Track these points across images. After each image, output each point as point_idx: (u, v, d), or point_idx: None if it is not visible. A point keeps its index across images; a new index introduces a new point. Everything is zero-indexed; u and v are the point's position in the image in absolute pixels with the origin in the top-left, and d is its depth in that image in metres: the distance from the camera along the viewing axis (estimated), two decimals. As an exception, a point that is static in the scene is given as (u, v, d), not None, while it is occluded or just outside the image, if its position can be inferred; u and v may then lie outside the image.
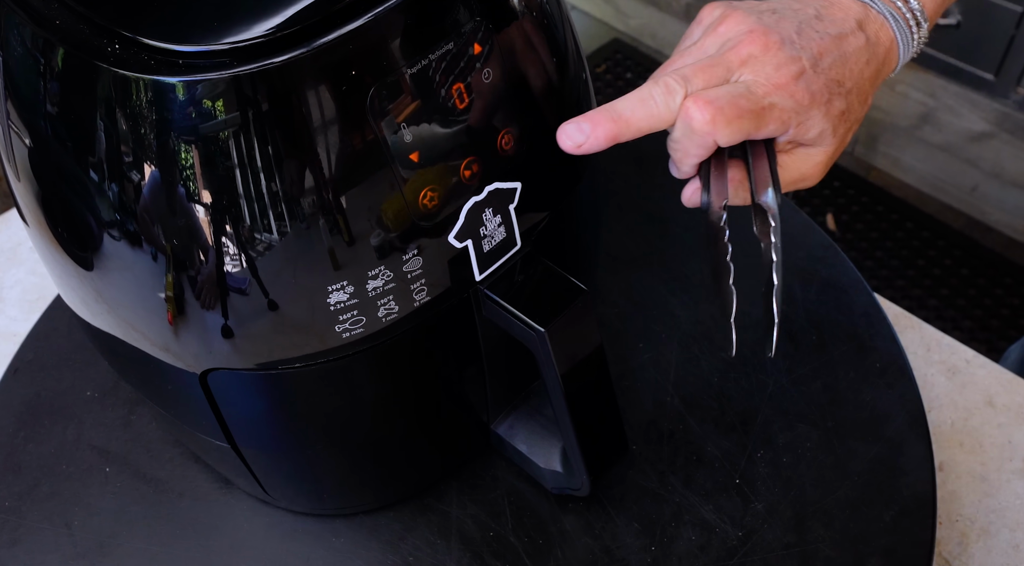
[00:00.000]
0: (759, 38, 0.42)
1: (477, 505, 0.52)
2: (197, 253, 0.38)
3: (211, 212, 0.37)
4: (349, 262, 0.39)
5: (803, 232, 0.65)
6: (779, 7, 0.44)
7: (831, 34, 0.43)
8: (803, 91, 0.41)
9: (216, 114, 0.35)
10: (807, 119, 0.42)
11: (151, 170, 0.36)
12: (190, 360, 0.42)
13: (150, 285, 0.40)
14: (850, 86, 0.43)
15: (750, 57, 0.42)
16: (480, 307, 0.44)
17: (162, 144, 0.36)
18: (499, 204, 0.42)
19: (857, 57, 0.43)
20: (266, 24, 0.34)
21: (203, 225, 0.37)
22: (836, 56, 0.43)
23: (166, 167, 0.36)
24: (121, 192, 0.37)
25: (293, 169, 0.36)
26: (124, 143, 0.36)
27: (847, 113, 0.43)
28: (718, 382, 0.57)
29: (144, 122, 0.35)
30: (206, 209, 0.37)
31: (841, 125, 0.43)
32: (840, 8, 0.44)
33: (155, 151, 0.36)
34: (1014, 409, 0.63)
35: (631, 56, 1.98)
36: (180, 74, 0.34)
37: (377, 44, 0.35)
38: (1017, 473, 0.60)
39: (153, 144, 0.36)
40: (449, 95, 0.38)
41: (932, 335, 0.67)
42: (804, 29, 0.43)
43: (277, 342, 0.41)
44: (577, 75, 0.45)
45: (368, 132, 0.36)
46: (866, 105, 0.44)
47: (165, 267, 0.39)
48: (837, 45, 0.43)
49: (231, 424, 0.45)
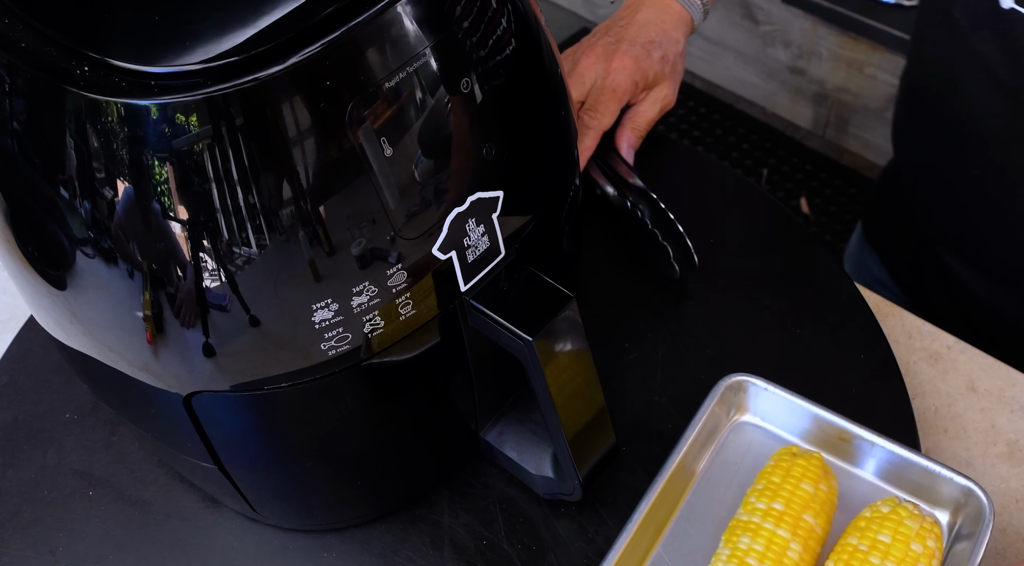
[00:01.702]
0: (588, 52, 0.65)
1: (469, 513, 0.52)
2: (176, 271, 0.37)
3: (189, 233, 0.36)
4: (332, 279, 0.38)
5: (782, 227, 0.65)
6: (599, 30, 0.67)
7: (635, 21, 0.66)
8: (629, 60, 0.64)
9: (191, 135, 0.34)
10: (644, 69, 0.64)
11: (125, 191, 0.35)
12: (171, 381, 0.42)
13: (127, 304, 0.39)
14: (659, 39, 0.65)
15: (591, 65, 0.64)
16: (466, 317, 0.44)
17: (136, 165, 0.35)
18: (482, 214, 0.41)
19: (655, 22, 0.66)
20: (238, 42, 0.34)
21: (181, 246, 0.36)
22: (641, 26, 0.66)
23: (141, 189, 0.35)
24: (94, 212, 0.37)
25: (272, 187, 0.35)
26: (97, 163, 0.35)
27: (665, 57, 0.66)
28: (705, 379, 0.56)
29: (117, 143, 0.34)
30: (183, 230, 0.36)
31: (665, 65, 0.66)
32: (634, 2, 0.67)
33: (129, 172, 0.35)
34: (995, 393, 0.63)
35: (600, 46, 1.97)
36: (153, 96, 0.33)
37: (352, 58, 0.35)
38: (1001, 457, 0.60)
39: (127, 165, 0.35)
40: (428, 107, 0.37)
41: (913, 322, 0.67)
42: (611, 28, 0.67)
43: (262, 362, 0.40)
44: (553, 74, 0.45)
45: (347, 147, 0.36)
46: (679, 45, 0.67)
47: (143, 285, 0.38)
48: (633, 22, 0.66)
49: (217, 445, 0.44)
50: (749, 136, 1.80)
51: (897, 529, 0.44)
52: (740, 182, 0.70)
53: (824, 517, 0.48)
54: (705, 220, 0.66)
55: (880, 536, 0.44)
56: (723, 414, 0.54)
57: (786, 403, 0.53)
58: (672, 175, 0.69)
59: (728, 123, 1.82)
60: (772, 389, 0.53)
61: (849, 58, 1.64)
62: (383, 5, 0.35)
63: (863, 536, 0.44)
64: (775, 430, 0.54)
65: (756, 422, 0.54)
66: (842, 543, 0.45)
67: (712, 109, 1.85)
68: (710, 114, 1.84)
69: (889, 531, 0.44)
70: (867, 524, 0.45)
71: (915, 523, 0.45)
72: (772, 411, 0.53)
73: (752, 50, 1.76)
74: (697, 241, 0.60)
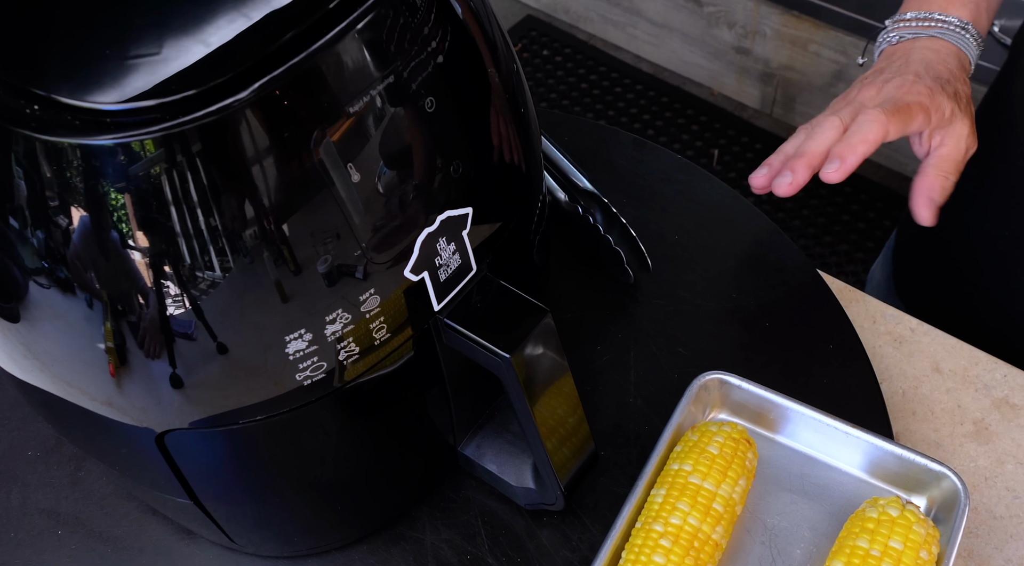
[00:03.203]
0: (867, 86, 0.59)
1: (451, 529, 0.51)
2: (139, 301, 0.36)
3: (153, 267, 0.35)
4: (305, 309, 0.37)
5: (747, 218, 0.66)
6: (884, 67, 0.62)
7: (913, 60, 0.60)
8: (923, 87, 0.57)
9: (151, 170, 0.33)
10: (939, 104, 0.57)
11: (84, 223, 0.34)
12: (139, 416, 0.40)
13: (87, 335, 0.38)
14: (947, 77, 0.59)
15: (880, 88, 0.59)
16: (440, 336, 0.43)
17: (94, 200, 0.33)
18: (452, 232, 0.41)
19: (937, 62, 0.60)
20: (195, 73, 0.32)
21: (146, 279, 0.35)
22: (924, 66, 0.59)
23: (102, 225, 0.34)
24: (49, 242, 0.35)
25: (237, 220, 0.34)
26: (50, 192, 0.33)
27: (958, 93, 0.59)
28: (678, 378, 0.57)
29: (73, 180, 0.33)
30: (147, 264, 0.35)
31: (959, 102, 0.58)
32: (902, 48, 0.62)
33: (87, 207, 0.34)
34: (959, 373, 0.64)
35: (547, 33, 1.97)
36: (108, 132, 0.32)
37: (313, 85, 0.34)
38: (968, 436, 0.61)
39: (84, 199, 0.33)
40: (393, 128, 0.36)
41: (876, 307, 0.68)
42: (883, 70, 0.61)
43: (235, 394, 0.39)
44: (515, 87, 0.44)
45: (312, 175, 0.35)
46: (967, 85, 0.60)
47: (103, 314, 0.37)
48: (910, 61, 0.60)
49: (193, 481, 0.43)
50: (698, 117, 1.81)
51: (907, 536, 0.45)
52: (697, 173, 0.70)
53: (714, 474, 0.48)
54: (665, 215, 0.66)
55: (892, 542, 0.44)
56: (699, 413, 0.54)
57: (760, 399, 0.53)
58: (625, 171, 0.69)
59: (676, 105, 1.83)
60: (746, 386, 0.53)
61: (793, 36, 1.65)
62: (343, 28, 0.34)
63: (874, 540, 0.45)
64: (751, 426, 0.54)
65: (733, 420, 0.54)
66: (851, 545, 0.46)
67: (660, 92, 1.85)
68: (658, 97, 1.84)
69: (900, 537, 0.45)
70: (876, 527, 0.45)
71: (922, 530, 0.45)
72: (747, 407, 0.54)
73: (697, 32, 1.77)
74: (659, 236, 0.60)
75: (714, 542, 0.47)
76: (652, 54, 1.88)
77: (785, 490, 0.52)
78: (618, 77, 1.88)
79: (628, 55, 1.91)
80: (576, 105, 1.84)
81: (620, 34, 1.90)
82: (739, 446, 0.49)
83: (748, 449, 0.49)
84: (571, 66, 1.91)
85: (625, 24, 1.87)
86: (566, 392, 0.47)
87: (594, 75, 1.89)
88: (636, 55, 1.90)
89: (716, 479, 0.48)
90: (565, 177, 0.62)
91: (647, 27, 1.84)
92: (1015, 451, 0.59)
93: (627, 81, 1.87)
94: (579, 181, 0.62)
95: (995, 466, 0.59)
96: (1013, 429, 0.61)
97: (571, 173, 0.63)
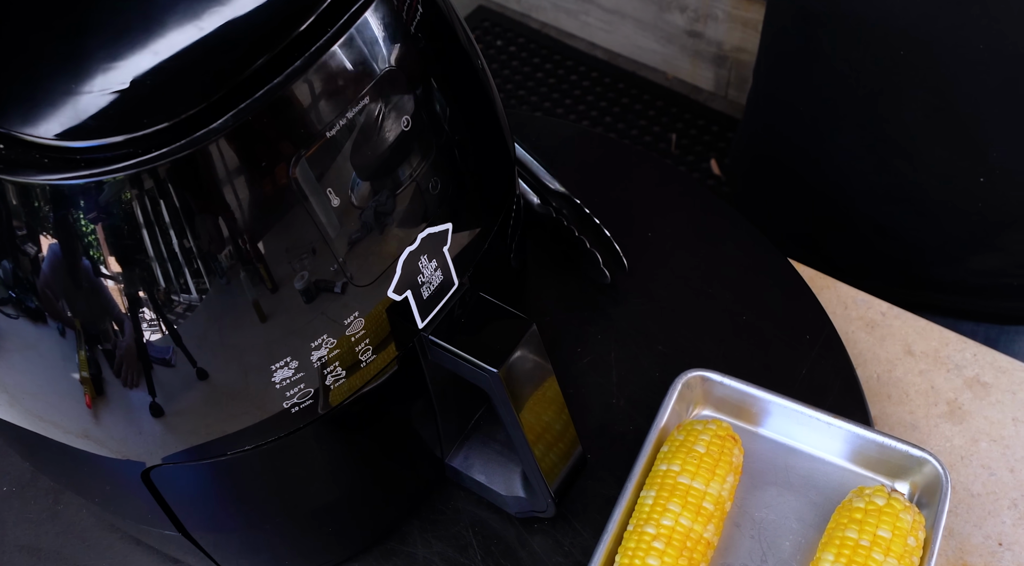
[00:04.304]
0: None
1: (442, 541, 0.51)
2: (112, 328, 0.35)
3: (129, 302, 0.34)
4: (290, 337, 0.36)
5: (713, 214, 0.66)
6: None
7: None
8: None
9: (122, 204, 0.32)
10: None
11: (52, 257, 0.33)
12: (116, 446, 0.40)
13: (61, 366, 0.37)
14: None
15: None
16: (425, 353, 0.43)
17: (65, 236, 0.33)
18: (433, 248, 0.40)
19: None
20: (166, 104, 0.32)
21: (119, 317, 0.34)
22: None
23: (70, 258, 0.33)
24: (18, 273, 0.34)
25: (217, 251, 0.34)
26: (17, 221, 0.32)
27: None
28: (660, 376, 0.57)
29: (44, 218, 0.32)
30: (120, 295, 0.34)
31: None
32: None
33: (60, 243, 0.33)
34: (931, 354, 0.66)
35: (499, 23, 1.95)
36: (78, 169, 0.31)
37: (290, 111, 0.33)
38: (943, 417, 0.62)
39: (52, 232, 0.33)
40: (370, 150, 0.36)
41: (847, 292, 0.68)
42: None
43: (219, 424, 0.39)
44: (487, 96, 0.44)
45: (292, 202, 0.34)
46: None
47: (76, 343, 0.36)
48: None
49: (181, 515, 0.42)
50: (654, 102, 1.81)
51: (895, 524, 0.45)
52: (665, 168, 0.70)
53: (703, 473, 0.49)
54: (636, 212, 0.66)
55: (880, 531, 0.45)
56: (683, 411, 0.54)
57: (742, 394, 0.53)
58: (593, 169, 0.69)
59: (633, 91, 1.83)
60: (727, 381, 0.53)
61: (744, 18, 1.66)
62: (317, 48, 0.33)
63: (863, 530, 0.45)
64: (735, 421, 0.54)
65: (717, 416, 0.55)
66: (840, 536, 0.46)
67: (616, 78, 1.85)
68: (614, 84, 1.84)
69: (888, 526, 0.45)
70: (864, 517, 0.46)
71: (908, 517, 0.46)
72: (730, 403, 0.54)
73: (649, 16, 1.77)
74: (632, 234, 0.60)
75: (706, 541, 0.47)
76: (606, 41, 1.88)
77: (771, 483, 0.52)
78: (573, 65, 1.88)
79: (582, 43, 1.91)
80: (532, 95, 1.83)
81: (573, 21, 1.90)
82: (725, 443, 0.49)
83: (734, 446, 0.50)
84: (525, 55, 1.90)
85: (577, 11, 1.87)
86: (553, 398, 0.46)
87: (549, 64, 1.88)
88: (590, 42, 1.90)
89: (705, 478, 0.48)
90: (536, 179, 0.62)
91: (599, 14, 1.84)
92: (988, 429, 0.61)
93: (582, 69, 1.87)
94: (550, 183, 0.62)
95: (970, 445, 0.60)
96: (985, 407, 0.62)
97: (541, 175, 0.62)
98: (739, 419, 0.54)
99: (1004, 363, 0.64)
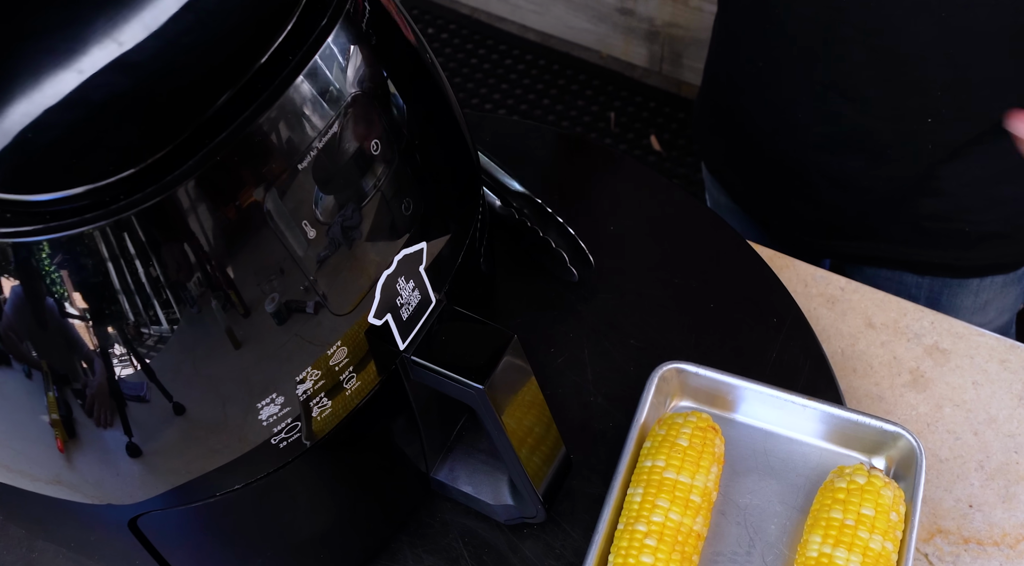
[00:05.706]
0: None
1: (433, 555, 0.51)
2: (83, 368, 0.34)
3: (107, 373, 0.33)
4: (274, 374, 0.36)
5: (675, 199, 0.66)
6: None
7: None
8: None
9: (93, 257, 0.31)
10: None
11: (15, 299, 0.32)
12: (91, 491, 0.38)
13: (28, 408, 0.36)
14: None
15: None
16: (408, 373, 0.42)
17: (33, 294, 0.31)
18: (410, 269, 0.40)
19: None
20: (129, 150, 0.30)
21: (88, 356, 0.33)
22: None
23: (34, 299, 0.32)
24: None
25: (194, 293, 0.33)
26: None
27: None
28: (635, 371, 0.57)
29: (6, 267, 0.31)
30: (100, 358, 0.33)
31: None
32: None
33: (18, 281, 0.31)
34: (891, 325, 0.67)
35: (428, 10, 1.93)
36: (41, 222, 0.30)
37: (259, 147, 0.32)
38: (907, 386, 0.64)
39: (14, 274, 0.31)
40: (341, 178, 0.35)
41: (806, 270, 0.70)
42: None
43: (203, 464, 0.38)
44: (450, 112, 0.43)
45: (266, 237, 0.33)
46: None
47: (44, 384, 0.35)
48: None
49: (170, 559, 0.41)
50: (590, 82, 1.81)
51: (878, 501, 0.46)
52: (621, 159, 0.70)
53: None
54: (596, 207, 0.66)
55: (864, 510, 0.46)
56: (661, 404, 0.55)
57: (716, 383, 0.54)
58: (550, 167, 0.69)
59: (568, 72, 1.83)
60: (702, 372, 0.54)
61: (674, -6, 1.67)
62: (282, 80, 0.32)
63: (847, 510, 0.46)
64: (712, 410, 0.55)
65: (694, 406, 0.55)
66: (826, 518, 0.47)
67: (550, 60, 1.85)
68: (549, 66, 1.84)
69: (871, 504, 0.46)
70: (847, 497, 0.47)
71: (889, 492, 0.47)
72: (706, 392, 0.55)
73: (580, -4, 1.77)
74: (595, 229, 0.60)
75: (696, 533, 0.48)
76: (537, 22, 1.87)
77: (751, 469, 0.53)
78: (506, 49, 1.87)
79: (514, 26, 1.90)
80: (468, 82, 1.82)
81: (503, 4, 1.88)
82: (707, 435, 0.50)
83: (715, 436, 0.50)
84: (458, 42, 1.89)
85: (507, -6, 1.86)
86: (536, 405, 0.46)
87: (482, 50, 1.87)
88: (522, 25, 1.89)
89: (690, 471, 0.49)
90: (495, 181, 0.62)
91: (530, -4, 1.83)
92: (951, 394, 0.62)
93: (516, 52, 1.86)
94: (509, 184, 0.61)
95: (935, 411, 0.62)
96: (946, 373, 0.63)
97: (500, 176, 0.62)
98: (716, 407, 0.55)
99: (960, 329, 0.65)
